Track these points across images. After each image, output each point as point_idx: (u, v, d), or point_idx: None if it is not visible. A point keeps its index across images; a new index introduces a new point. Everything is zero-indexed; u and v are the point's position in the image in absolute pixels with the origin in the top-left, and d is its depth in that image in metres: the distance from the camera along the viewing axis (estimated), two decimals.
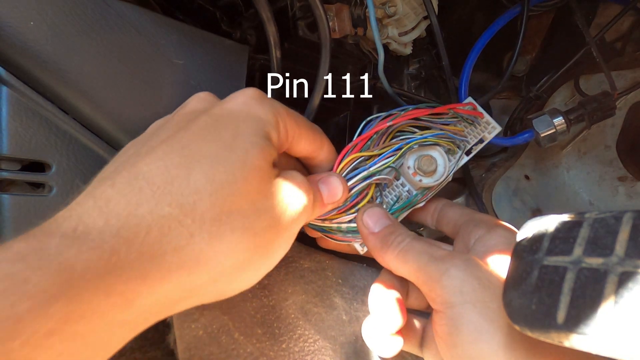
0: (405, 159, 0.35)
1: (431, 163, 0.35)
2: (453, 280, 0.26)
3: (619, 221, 0.19)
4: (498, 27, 0.44)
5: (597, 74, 0.48)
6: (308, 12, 0.38)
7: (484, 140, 0.38)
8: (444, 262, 0.27)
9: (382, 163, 0.34)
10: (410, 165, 0.35)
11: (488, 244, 0.30)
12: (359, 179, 0.34)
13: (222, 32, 0.39)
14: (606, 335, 0.17)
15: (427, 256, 0.28)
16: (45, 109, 0.28)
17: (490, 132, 0.38)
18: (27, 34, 0.26)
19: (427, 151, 0.36)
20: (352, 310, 0.35)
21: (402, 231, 0.31)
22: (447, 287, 0.26)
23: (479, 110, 0.38)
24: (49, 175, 0.28)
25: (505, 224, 0.32)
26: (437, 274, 0.27)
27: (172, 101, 0.31)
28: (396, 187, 0.37)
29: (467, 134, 0.38)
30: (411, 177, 0.35)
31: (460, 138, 0.37)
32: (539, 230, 0.22)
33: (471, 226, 0.32)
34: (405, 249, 0.29)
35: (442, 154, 0.36)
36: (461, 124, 0.38)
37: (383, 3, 0.40)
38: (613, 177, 0.50)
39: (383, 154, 0.35)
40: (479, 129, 0.38)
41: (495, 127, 0.38)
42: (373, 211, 0.33)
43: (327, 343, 0.33)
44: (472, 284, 0.26)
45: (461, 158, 0.37)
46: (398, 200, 0.36)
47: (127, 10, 0.29)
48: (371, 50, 0.43)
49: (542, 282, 0.20)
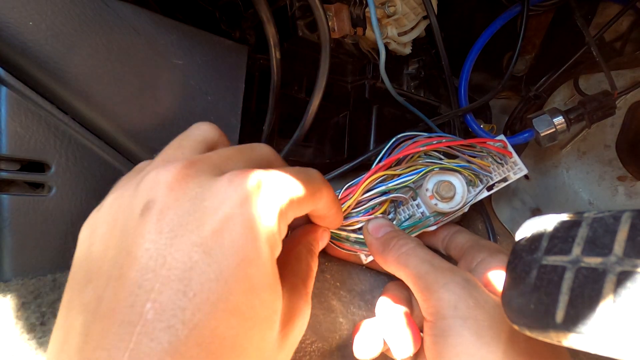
0: (426, 180, 0.36)
1: (450, 189, 0.35)
2: (450, 294, 0.26)
3: (617, 221, 0.19)
4: (497, 26, 0.44)
5: (597, 74, 0.48)
6: (307, 12, 0.38)
7: (507, 180, 0.38)
8: (444, 276, 0.27)
9: (401, 181, 0.35)
10: (429, 188, 0.36)
11: (489, 267, 0.31)
12: (375, 194, 0.34)
13: (222, 32, 0.39)
14: (605, 334, 0.17)
15: (429, 265, 0.28)
16: (45, 109, 0.28)
17: (515, 172, 0.38)
18: (27, 34, 0.26)
19: (448, 177, 0.36)
20: (349, 314, 0.35)
21: (405, 236, 0.31)
22: (443, 300, 0.26)
23: (509, 150, 0.38)
24: (49, 175, 0.28)
25: (503, 251, 0.33)
26: (436, 286, 0.27)
27: (171, 101, 0.32)
28: (411, 207, 0.37)
29: (492, 170, 0.38)
30: (427, 200, 0.36)
31: (484, 173, 0.37)
32: (538, 230, 0.22)
33: (475, 250, 0.33)
34: (407, 253, 0.30)
35: (463, 183, 0.36)
36: (488, 159, 0.38)
37: (382, 3, 0.40)
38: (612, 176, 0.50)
39: (404, 175, 0.35)
40: (505, 167, 0.38)
41: (521, 169, 0.38)
42: (378, 221, 0.34)
43: (323, 345, 0.33)
44: (468, 301, 0.26)
45: (481, 192, 0.37)
46: (409, 219, 0.37)
47: (126, 11, 0.29)
48: (370, 50, 0.43)
49: (540, 281, 0.20)
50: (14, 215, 0.27)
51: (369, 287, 0.38)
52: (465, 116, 0.45)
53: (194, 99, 0.33)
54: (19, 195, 0.27)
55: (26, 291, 0.26)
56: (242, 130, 0.36)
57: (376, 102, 0.44)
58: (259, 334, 0.19)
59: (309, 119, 0.37)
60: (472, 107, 0.44)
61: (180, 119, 0.32)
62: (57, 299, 0.27)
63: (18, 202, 0.27)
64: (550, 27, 0.48)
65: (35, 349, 0.25)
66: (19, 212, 0.27)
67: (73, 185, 0.29)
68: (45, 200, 0.28)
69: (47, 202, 0.28)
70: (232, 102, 0.35)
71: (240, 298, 0.18)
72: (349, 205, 0.34)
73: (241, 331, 0.18)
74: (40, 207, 0.28)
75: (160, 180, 0.19)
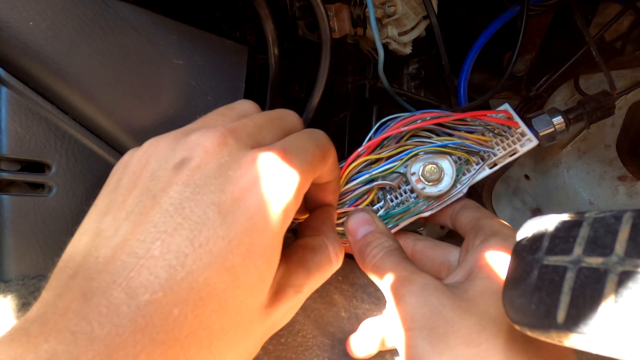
0: (410, 164, 0.34)
1: (435, 172, 0.33)
2: (407, 306, 0.26)
3: (618, 221, 0.19)
4: (497, 26, 0.44)
5: (597, 74, 0.48)
6: (308, 11, 0.38)
7: (515, 153, 0.34)
8: (403, 287, 0.27)
9: (386, 167, 0.33)
10: (415, 172, 0.34)
11: (483, 250, 0.29)
12: (359, 182, 0.33)
13: (223, 32, 0.39)
14: (606, 334, 0.17)
15: (393, 276, 0.28)
16: (45, 109, 0.28)
17: (523, 145, 0.34)
18: (27, 34, 0.26)
19: (435, 159, 0.34)
20: (351, 308, 0.35)
21: (378, 242, 0.30)
22: (402, 312, 0.26)
23: (515, 120, 0.35)
24: (49, 176, 0.28)
25: (503, 231, 0.31)
26: (396, 299, 0.27)
27: (171, 101, 0.32)
28: (404, 192, 0.35)
29: (495, 144, 0.35)
30: (415, 184, 0.34)
31: (485, 149, 0.34)
32: (539, 230, 0.22)
33: (472, 234, 0.32)
34: (377, 265, 0.29)
35: (451, 164, 0.34)
36: (488, 133, 0.35)
37: (383, 3, 0.40)
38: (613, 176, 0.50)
39: (390, 159, 0.33)
40: (509, 140, 0.35)
41: (531, 139, 0.34)
42: (357, 216, 0.32)
43: (325, 339, 0.33)
44: (423, 310, 0.26)
45: (481, 170, 0.34)
46: (400, 205, 0.35)
47: (126, 11, 0.29)
48: (371, 50, 0.43)
49: (542, 281, 0.20)
50: (14, 216, 0.27)
51: (371, 280, 0.37)
52: None
53: (194, 99, 0.33)
54: (19, 195, 0.27)
55: (26, 291, 0.26)
56: None
57: (376, 102, 0.44)
58: (243, 296, 0.21)
59: (308, 118, 0.37)
60: (472, 107, 0.44)
61: (181, 119, 0.32)
62: None
63: (18, 202, 0.27)
64: (550, 27, 0.48)
65: None
66: (19, 213, 0.27)
67: (73, 185, 0.29)
68: (45, 201, 0.28)
69: (47, 203, 0.28)
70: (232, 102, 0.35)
71: (238, 259, 0.20)
72: None
73: (230, 287, 0.20)
74: (41, 207, 0.28)
75: (200, 142, 0.22)
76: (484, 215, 0.33)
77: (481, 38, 0.44)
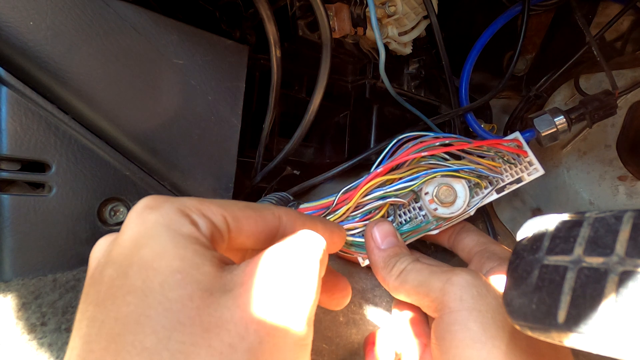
0: (425, 184, 0.34)
1: (450, 194, 0.34)
2: (454, 287, 0.27)
3: (619, 220, 0.19)
4: (498, 26, 0.44)
5: (598, 73, 0.48)
6: (308, 11, 0.38)
7: (521, 181, 0.36)
8: (446, 274, 0.28)
9: (401, 187, 0.34)
10: (428, 192, 0.34)
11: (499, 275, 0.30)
12: (372, 198, 0.33)
13: (223, 32, 0.39)
14: (607, 334, 0.17)
15: (428, 271, 0.29)
16: (45, 109, 0.28)
17: (530, 173, 0.36)
18: (27, 34, 0.26)
19: (449, 181, 0.34)
20: (349, 313, 0.35)
21: (405, 254, 0.31)
22: (448, 293, 0.27)
23: (524, 149, 0.36)
24: (49, 175, 0.28)
25: None
26: (440, 283, 0.27)
27: (171, 101, 0.31)
28: (413, 209, 0.36)
29: (504, 170, 0.36)
30: (427, 204, 0.34)
31: (494, 175, 0.35)
32: (539, 230, 0.22)
33: (485, 257, 0.33)
34: (407, 270, 0.30)
35: (465, 187, 0.34)
36: (498, 159, 0.36)
37: (383, 2, 0.40)
38: (613, 176, 0.50)
39: (403, 180, 0.34)
40: (518, 168, 0.36)
41: (537, 169, 0.36)
42: (384, 227, 0.32)
43: (323, 344, 0.33)
44: (472, 292, 0.26)
45: (489, 195, 0.35)
46: (410, 222, 0.35)
47: (126, 10, 0.29)
48: (371, 49, 0.43)
49: (542, 281, 0.20)
50: (15, 216, 0.27)
51: (369, 286, 0.37)
52: (465, 116, 0.45)
53: (194, 99, 0.33)
54: (19, 195, 0.27)
55: (26, 291, 0.26)
56: (242, 130, 0.36)
57: (377, 102, 0.44)
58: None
59: (309, 118, 0.37)
60: (473, 107, 0.44)
61: (181, 118, 0.32)
62: (58, 299, 0.27)
63: (18, 202, 0.27)
64: (550, 27, 0.48)
65: (35, 349, 0.25)
66: (20, 212, 0.27)
67: (73, 185, 0.29)
68: (45, 200, 0.28)
69: (47, 202, 0.28)
70: (232, 102, 0.35)
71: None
72: (347, 208, 0.33)
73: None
74: (41, 207, 0.28)
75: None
76: (490, 240, 0.35)
77: (482, 38, 0.44)
